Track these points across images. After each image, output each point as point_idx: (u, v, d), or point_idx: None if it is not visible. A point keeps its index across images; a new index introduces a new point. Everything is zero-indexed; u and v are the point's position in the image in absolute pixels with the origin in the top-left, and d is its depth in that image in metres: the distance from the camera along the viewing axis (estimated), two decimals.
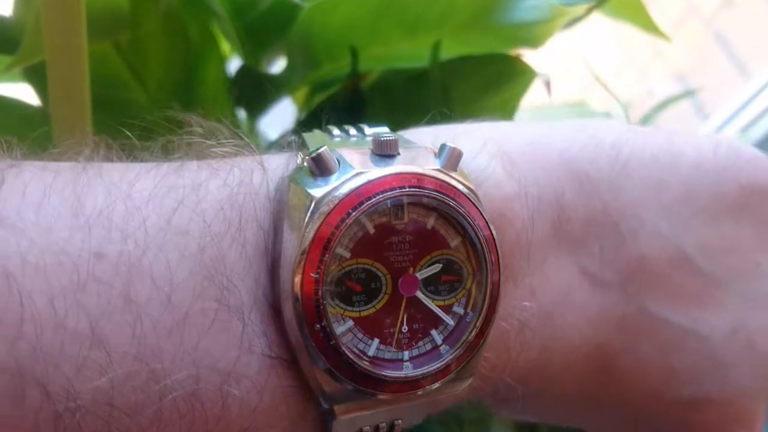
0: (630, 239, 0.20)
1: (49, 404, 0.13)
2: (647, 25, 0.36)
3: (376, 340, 0.16)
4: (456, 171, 0.17)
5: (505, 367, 0.19)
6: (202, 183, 0.15)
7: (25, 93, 0.30)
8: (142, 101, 0.30)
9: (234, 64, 0.35)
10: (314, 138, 0.18)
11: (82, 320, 0.13)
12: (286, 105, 0.35)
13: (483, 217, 0.17)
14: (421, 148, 0.18)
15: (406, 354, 0.17)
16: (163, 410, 0.14)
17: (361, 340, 0.16)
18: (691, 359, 0.20)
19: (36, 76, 0.27)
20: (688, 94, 0.58)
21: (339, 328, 0.16)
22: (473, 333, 0.17)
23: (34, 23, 0.23)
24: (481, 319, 0.17)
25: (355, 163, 0.16)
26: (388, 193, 0.16)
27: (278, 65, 0.35)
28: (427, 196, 0.16)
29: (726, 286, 0.21)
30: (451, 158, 0.17)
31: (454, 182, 0.17)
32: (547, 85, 0.30)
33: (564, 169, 0.20)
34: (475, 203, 0.17)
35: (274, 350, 0.15)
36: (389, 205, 0.16)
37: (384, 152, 0.17)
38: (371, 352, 0.16)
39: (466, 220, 0.17)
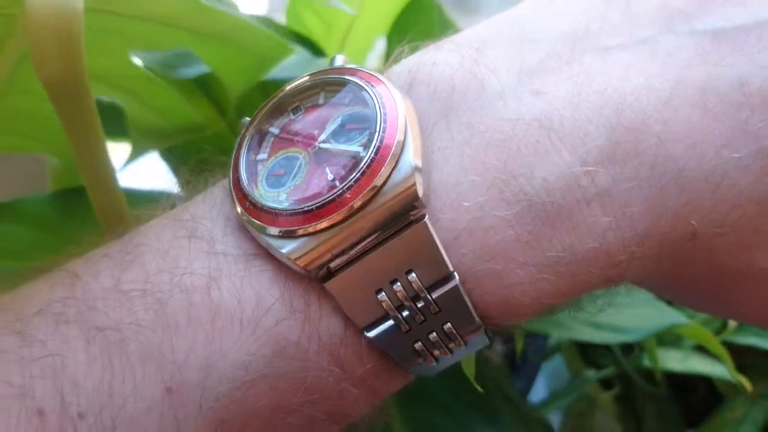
0: None
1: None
2: None
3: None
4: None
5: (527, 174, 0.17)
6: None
7: None
8: None
9: None
10: None
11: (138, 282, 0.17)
12: None
13: (364, 71, 0.19)
14: None
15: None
16: (168, 315, 0.16)
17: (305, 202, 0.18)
18: None
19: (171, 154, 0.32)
20: None
21: (277, 205, 0.17)
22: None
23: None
24: (379, 128, 0.17)
25: None
26: (273, 101, 0.19)
27: None
28: (301, 80, 0.19)
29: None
30: (337, 61, 0.20)
31: (328, 67, 0.19)
32: None
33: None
34: (355, 67, 0.19)
35: (247, 251, 0.17)
36: (288, 109, 0.19)
37: None
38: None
39: (342, 76, 0.19)
